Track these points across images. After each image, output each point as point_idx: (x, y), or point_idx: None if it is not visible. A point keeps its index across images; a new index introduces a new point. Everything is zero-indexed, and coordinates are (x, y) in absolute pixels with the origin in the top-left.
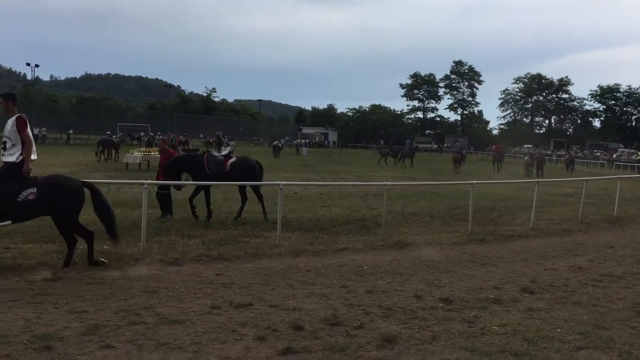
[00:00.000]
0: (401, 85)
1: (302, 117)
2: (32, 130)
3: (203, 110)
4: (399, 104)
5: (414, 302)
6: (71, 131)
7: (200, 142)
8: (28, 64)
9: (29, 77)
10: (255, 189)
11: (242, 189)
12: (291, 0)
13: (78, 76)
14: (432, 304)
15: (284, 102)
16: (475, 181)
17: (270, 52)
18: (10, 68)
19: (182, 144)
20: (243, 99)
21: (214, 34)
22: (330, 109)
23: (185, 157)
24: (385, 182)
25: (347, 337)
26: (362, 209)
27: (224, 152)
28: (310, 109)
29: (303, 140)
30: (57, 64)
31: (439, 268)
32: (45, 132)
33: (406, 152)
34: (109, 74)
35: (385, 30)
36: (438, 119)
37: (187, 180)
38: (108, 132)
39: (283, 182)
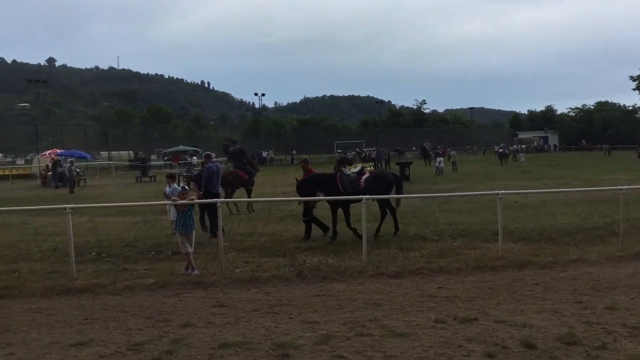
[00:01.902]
0: (631, 77)
1: (517, 121)
2: (261, 153)
3: (413, 123)
4: (631, 98)
5: None
6: (294, 152)
7: (354, 154)
8: (256, 94)
9: (256, 105)
10: (388, 204)
11: (381, 204)
12: (498, 1)
13: (298, 100)
14: None
15: (496, 108)
16: None
17: (479, 57)
18: (242, 99)
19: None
20: (453, 108)
21: (421, 46)
22: (549, 110)
23: (320, 177)
24: (621, 187)
25: (587, 359)
26: (593, 216)
27: (356, 169)
28: (526, 112)
29: (520, 146)
30: (280, 91)
31: None
32: (272, 154)
33: None
34: (325, 95)
35: (604, 19)
36: None
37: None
38: (339, 151)
39: (502, 191)
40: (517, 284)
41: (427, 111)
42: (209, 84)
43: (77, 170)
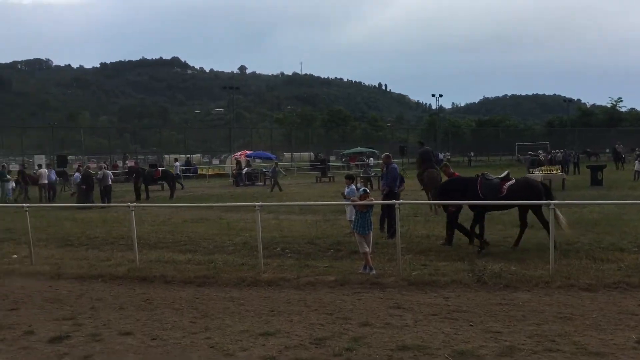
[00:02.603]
0: None
1: None
2: (437, 154)
3: (607, 123)
4: None
5: None
6: (472, 153)
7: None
8: (433, 95)
9: (433, 106)
10: (540, 216)
11: (522, 214)
12: None
13: (476, 101)
14: None
15: None
16: None
17: None
18: (418, 100)
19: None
20: None
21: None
22: None
23: (459, 181)
24: None
25: None
26: None
27: (502, 175)
28: None
29: None
30: (458, 92)
31: None
32: (449, 156)
33: None
34: (506, 95)
35: None
36: None
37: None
38: (530, 152)
39: None
40: None
41: (623, 110)
42: (386, 86)
43: (264, 170)
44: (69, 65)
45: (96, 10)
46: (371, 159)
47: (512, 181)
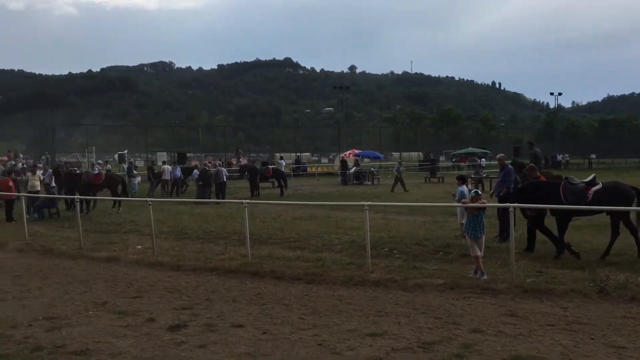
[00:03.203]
0: None
1: None
2: (555, 156)
3: None
4: None
5: None
6: (593, 155)
7: None
8: (551, 93)
9: (551, 105)
10: (627, 220)
11: (614, 220)
12: None
13: (600, 99)
14: None
15: None
16: None
17: None
18: (535, 99)
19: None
20: None
21: None
22: None
23: (541, 184)
24: None
25: None
26: None
27: (587, 179)
28: None
29: None
30: (579, 90)
31: None
32: (568, 158)
33: None
34: (633, 93)
35: None
36: None
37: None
38: None
39: None
40: None
41: None
42: (500, 84)
43: (372, 169)
44: (190, 67)
45: (215, 14)
46: (483, 159)
47: (599, 185)
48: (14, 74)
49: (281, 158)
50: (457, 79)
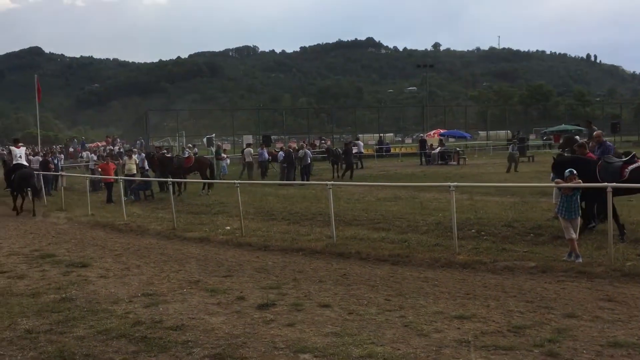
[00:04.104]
0: None
1: None
2: None
3: None
4: None
5: None
6: None
7: None
8: None
9: None
10: None
11: None
12: None
13: None
14: None
15: None
16: None
17: None
18: (635, 72)
19: None
20: None
21: None
22: None
23: (578, 160)
24: None
25: None
26: None
27: (627, 157)
28: None
29: None
30: None
31: None
32: None
33: None
34: None
35: None
36: None
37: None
38: None
39: None
40: None
41: None
42: (595, 57)
43: (458, 149)
44: (273, 50)
45: None
46: (577, 137)
47: (638, 164)
48: (109, 62)
49: (357, 139)
50: (548, 52)
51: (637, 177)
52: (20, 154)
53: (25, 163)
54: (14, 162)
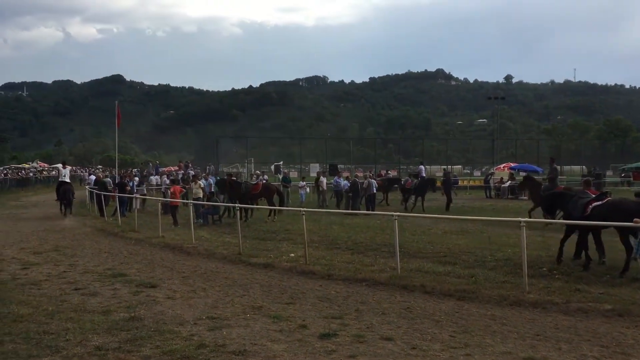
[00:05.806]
0: None
1: None
2: None
3: None
4: None
5: None
6: None
7: None
8: None
9: None
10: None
11: (621, 236)
12: None
13: None
14: None
15: None
16: None
17: None
18: None
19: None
20: None
21: None
22: None
23: (560, 195)
24: None
25: None
26: None
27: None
28: None
29: None
30: None
31: None
32: None
33: None
34: None
35: None
36: None
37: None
38: None
39: None
40: None
41: None
42: None
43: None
44: (342, 80)
45: (369, 28)
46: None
47: (601, 202)
48: (185, 90)
49: (421, 163)
50: (627, 86)
51: (598, 214)
52: (65, 173)
53: (68, 180)
54: (60, 179)
